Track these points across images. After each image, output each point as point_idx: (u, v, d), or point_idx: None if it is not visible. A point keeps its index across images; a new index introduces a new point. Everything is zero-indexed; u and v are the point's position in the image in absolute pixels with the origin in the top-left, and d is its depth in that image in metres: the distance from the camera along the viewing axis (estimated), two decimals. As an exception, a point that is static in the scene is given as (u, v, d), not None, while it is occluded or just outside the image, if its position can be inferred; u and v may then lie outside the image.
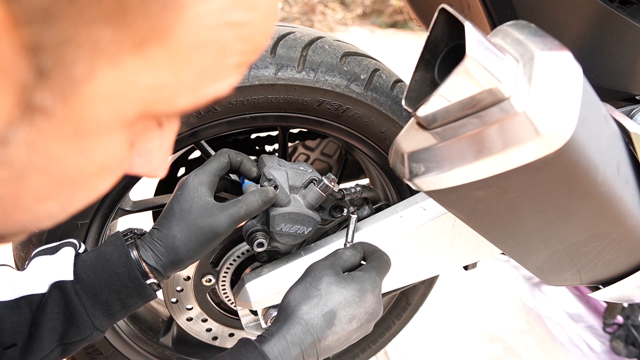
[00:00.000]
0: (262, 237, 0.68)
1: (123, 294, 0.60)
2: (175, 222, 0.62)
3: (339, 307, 0.57)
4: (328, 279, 0.59)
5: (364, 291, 0.59)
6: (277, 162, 0.72)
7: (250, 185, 0.68)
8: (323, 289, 0.58)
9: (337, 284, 0.58)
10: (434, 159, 0.48)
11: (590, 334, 1.54)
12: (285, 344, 0.55)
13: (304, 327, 0.56)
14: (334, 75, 0.69)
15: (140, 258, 0.61)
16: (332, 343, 0.58)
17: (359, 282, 0.59)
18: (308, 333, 0.56)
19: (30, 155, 0.23)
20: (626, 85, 0.68)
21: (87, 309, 0.59)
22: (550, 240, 0.59)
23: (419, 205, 0.76)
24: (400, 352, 1.41)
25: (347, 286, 0.58)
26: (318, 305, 0.57)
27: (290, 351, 0.55)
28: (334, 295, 0.58)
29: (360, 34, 4.53)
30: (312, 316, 0.56)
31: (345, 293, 0.58)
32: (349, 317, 0.58)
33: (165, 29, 0.22)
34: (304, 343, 0.55)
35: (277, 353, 0.54)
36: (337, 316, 0.57)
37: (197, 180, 0.64)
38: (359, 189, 0.74)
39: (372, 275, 0.61)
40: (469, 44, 0.39)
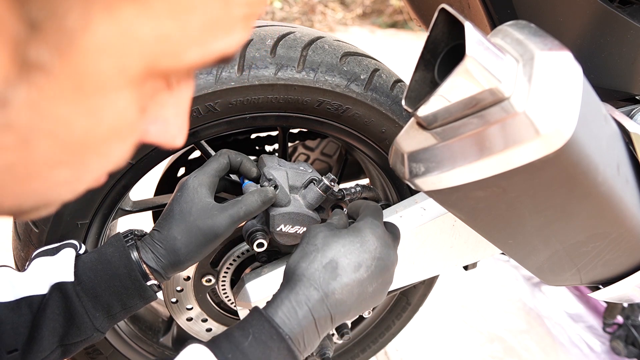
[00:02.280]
0: (262, 237, 0.68)
1: (123, 295, 0.60)
2: (175, 223, 0.62)
3: (340, 255, 0.54)
4: (323, 233, 0.57)
5: (364, 235, 0.56)
6: (277, 162, 0.72)
7: (250, 186, 0.68)
8: (319, 242, 0.56)
9: (332, 235, 0.56)
10: (434, 159, 0.48)
11: (590, 334, 1.54)
12: (290, 304, 0.52)
13: (306, 283, 0.53)
14: (334, 75, 0.69)
15: (140, 259, 0.61)
16: (343, 297, 0.54)
17: (355, 229, 0.57)
18: (312, 288, 0.53)
19: (33, 117, 0.22)
20: (626, 85, 0.68)
21: (88, 310, 0.58)
22: (550, 240, 0.59)
23: (419, 205, 0.76)
24: (400, 352, 1.41)
25: (345, 235, 0.56)
26: (317, 259, 0.54)
27: (297, 311, 0.52)
28: (332, 245, 0.55)
29: (360, 34, 4.53)
30: (313, 270, 0.54)
31: (343, 241, 0.55)
32: (354, 265, 0.54)
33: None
34: (310, 300, 0.52)
35: (282, 315, 0.52)
36: (339, 265, 0.54)
37: (197, 182, 0.64)
38: (358, 189, 0.74)
39: (367, 220, 0.58)
40: (469, 44, 0.39)
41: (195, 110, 0.66)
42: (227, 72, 0.65)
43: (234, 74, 0.65)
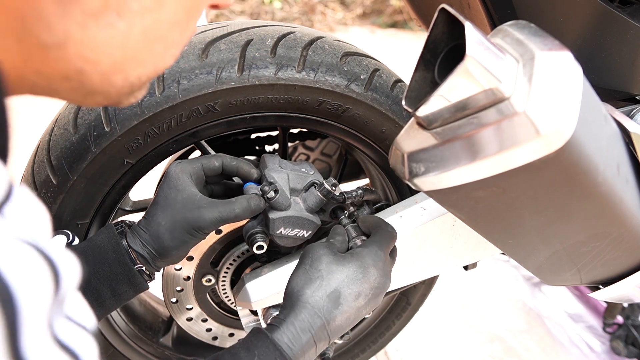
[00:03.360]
0: (262, 239, 0.68)
1: (112, 280, 0.60)
2: (159, 209, 0.62)
3: (343, 286, 0.57)
4: (327, 258, 0.58)
5: (366, 266, 0.58)
6: (279, 162, 0.72)
7: (251, 188, 0.67)
8: (323, 269, 0.58)
9: (336, 262, 0.58)
10: (434, 159, 0.48)
11: (590, 334, 1.54)
12: (295, 330, 0.55)
13: (311, 311, 0.56)
14: (334, 75, 0.69)
15: (128, 245, 0.61)
16: (341, 322, 0.57)
17: (358, 259, 0.59)
18: (316, 316, 0.56)
19: None
20: (626, 85, 0.68)
21: None
22: (550, 240, 0.59)
23: (419, 205, 0.76)
24: (400, 352, 1.41)
25: (347, 264, 0.58)
26: (321, 287, 0.57)
27: (301, 337, 0.54)
28: (335, 274, 0.57)
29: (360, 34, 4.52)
30: (317, 299, 0.56)
31: (347, 271, 0.58)
32: (355, 294, 0.57)
33: None
34: (313, 327, 0.55)
35: (287, 340, 0.54)
36: (342, 295, 0.57)
37: (179, 168, 0.63)
38: (360, 192, 0.74)
39: (372, 249, 0.60)
40: (469, 44, 0.39)
41: (195, 110, 0.66)
42: (227, 72, 0.65)
43: (234, 74, 0.65)
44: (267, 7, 4.46)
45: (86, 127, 0.64)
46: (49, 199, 0.67)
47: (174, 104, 0.64)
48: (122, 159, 0.67)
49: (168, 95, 0.64)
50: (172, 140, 0.68)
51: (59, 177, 0.66)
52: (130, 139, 0.65)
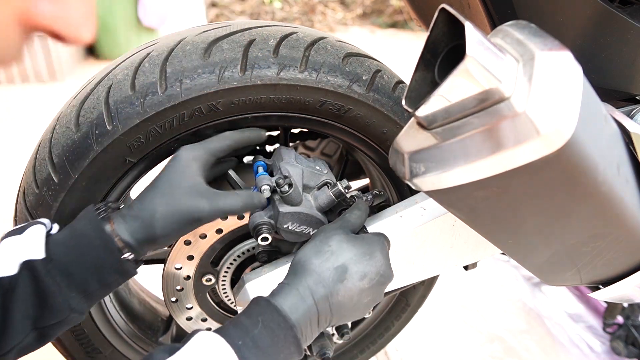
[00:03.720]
0: (267, 231, 0.68)
1: (100, 269, 0.57)
2: (159, 194, 0.59)
3: (351, 262, 0.58)
4: (338, 237, 0.60)
5: (374, 250, 0.60)
6: (295, 157, 0.72)
7: (264, 178, 0.68)
8: (334, 245, 0.58)
9: (347, 241, 0.59)
10: (434, 159, 0.48)
11: (590, 334, 1.54)
12: (298, 295, 0.54)
13: (316, 278, 0.56)
14: (336, 76, 0.70)
15: (113, 231, 0.58)
16: (344, 300, 0.57)
17: (369, 242, 0.61)
18: (320, 284, 0.55)
19: None
20: (626, 85, 0.68)
21: (61, 288, 0.55)
22: (550, 240, 0.59)
23: (419, 205, 0.76)
24: (400, 352, 1.41)
25: (358, 244, 0.59)
26: (329, 260, 0.57)
27: (304, 303, 0.54)
28: (345, 251, 0.58)
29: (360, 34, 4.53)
30: (324, 268, 0.56)
31: (356, 250, 0.59)
32: (361, 274, 0.58)
33: None
34: (316, 294, 0.55)
35: (290, 304, 0.54)
36: (348, 270, 0.57)
37: (192, 155, 0.61)
38: (369, 197, 0.75)
39: (380, 239, 0.63)
40: (469, 44, 0.39)
41: (198, 109, 0.66)
42: (229, 71, 0.65)
43: (236, 74, 0.66)
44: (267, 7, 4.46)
45: (88, 126, 0.65)
46: (50, 197, 0.67)
47: (176, 103, 0.65)
48: (124, 158, 0.67)
49: (170, 95, 0.64)
50: (174, 140, 0.68)
51: (60, 176, 0.66)
52: (132, 137, 0.65)
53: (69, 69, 3.15)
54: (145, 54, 0.67)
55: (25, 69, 3.02)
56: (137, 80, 0.64)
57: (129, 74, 0.65)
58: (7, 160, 2.22)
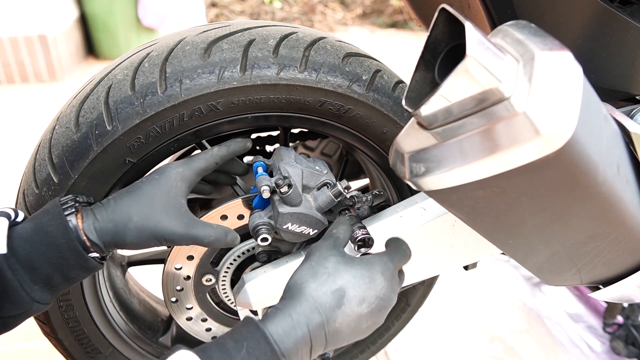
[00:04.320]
0: (267, 232, 0.68)
1: (63, 266, 0.56)
2: (138, 204, 0.59)
3: (349, 286, 0.54)
4: (335, 258, 0.56)
5: (374, 272, 0.56)
6: (294, 157, 0.72)
7: (264, 179, 0.67)
8: (330, 267, 0.55)
9: (344, 263, 0.56)
10: (434, 159, 0.48)
11: (590, 334, 1.54)
12: (291, 322, 0.51)
13: (312, 304, 0.52)
14: (336, 76, 0.70)
15: (81, 229, 0.57)
16: (341, 327, 0.53)
17: (367, 264, 0.57)
18: (316, 311, 0.52)
19: None
20: (626, 85, 0.68)
21: (23, 282, 0.55)
22: (550, 240, 0.59)
23: (419, 205, 0.76)
24: (400, 352, 1.41)
25: (356, 266, 0.56)
26: (326, 283, 0.54)
27: (296, 331, 0.51)
28: (343, 273, 0.55)
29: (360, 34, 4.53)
30: (321, 293, 0.53)
31: (354, 272, 0.55)
32: (359, 299, 0.54)
33: None
34: (312, 323, 0.51)
35: (281, 332, 0.50)
36: (346, 295, 0.54)
37: (180, 176, 0.62)
38: (369, 198, 0.75)
39: (382, 259, 0.59)
40: (469, 44, 0.39)
41: (197, 109, 0.66)
42: (229, 71, 0.65)
43: (236, 74, 0.65)
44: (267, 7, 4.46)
45: (88, 126, 0.65)
46: (50, 197, 0.67)
47: (176, 103, 0.65)
48: (124, 158, 0.67)
49: (170, 95, 0.64)
50: (173, 140, 0.68)
51: (60, 176, 0.66)
52: (132, 137, 0.65)
53: (68, 68, 3.15)
54: (145, 54, 0.67)
55: (25, 69, 3.02)
56: (136, 80, 0.64)
57: (128, 74, 0.65)
58: (7, 160, 2.22)
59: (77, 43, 3.30)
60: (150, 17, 3.31)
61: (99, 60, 3.44)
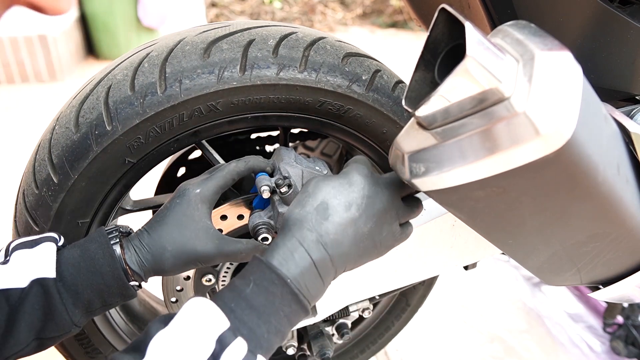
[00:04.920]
0: (267, 232, 0.68)
1: (105, 292, 0.60)
2: (169, 233, 0.62)
3: (330, 197, 0.55)
4: (315, 180, 0.58)
5: (351, 176, 0.57)
6: (294, 157, 0.72)
7: (264, 179, 0.68)
8: (310, 188, 0.57)
9: (323, 180, 0.57)
10: (434, 159, 0.48)
11: (590, 334, 1.54)
12: (285, 247, 0.53)
13: (300, 226, 0.53)
14: (336, 76, 0.69)
15: (123, 259, 0.61)
16: (337, 237, 0.54)
17: (343, 173, 0.58)
18: (305, 229, 0.53)
19: None
20: (626, 85, 0.68)
21: (68, 307, 0.58)
22: (550, 240, 0.59)
23: (419, 205, 0.76)
24: (400, 352, 1.41)
25: (334, 178, 0.57)
26: (308, 203, 0.55)
27: (292, 253, 0.52)
28: (322, 188, 0.56)
29: (360, 34, 4.53)
30: (305, 213, 0.54)
31: (333, 183, 0.56)
32: (345, 204, 0.55)
33: None
34: (305, 240, 0.53)
35: (279, 258, 0.52)
36: (330, 205, 0.54)
37: (200, 197, 0.64)
38: None
39: (353, 164, 0.59)
40: (469, 44, 0.39)
41: (197, 109, 0.66)
42: (229, 71, 0.65)
43: (236, 74, 0.65)
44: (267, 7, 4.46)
45: (87, 126, 0.65)
46: (49, 197, 0.67)
47: (176, 104, 0.65)
48: (124, 158, 0.67)
49: (170, 95, 0.64)
50: (173, 140, 0.68)
51: (60, 176, 0.66)
52: (132, 138, 0.65)
53: (68, 69, 3.15)
54: (144, 54, 0.67)
55: (25, 69, 3.02)
56: (136, 80, 0.64)
57: (128, 74, 0.65)
58: (7, 160, 2.22)
59: (77, 43, 3.30)
60: (150, 17, 3.30)
61: (99, 60, 3.44)
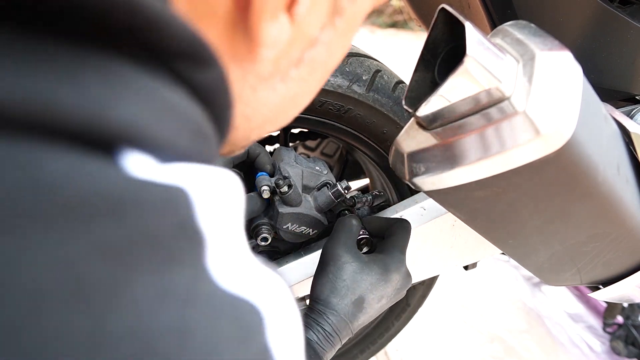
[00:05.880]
0: (267, 232, 0.68)
1: None
2: None
3: (367, 292, 0.60)
4: (350, 267, 0.60)
5: (389, 272, 0.61)
6: (295, 157, 0.72)
7: (264, 179, 0.68)
8: (348, 279, 0.60)
9: (360, 271, 0.60)
10: (434, 159, 0.48)
11: (590, 334, 1.54)
12: (324, 333, 0.58)
13: (338, 317, 0.59)
14: (336, 76, 0.69)
15: None
16: (364, 321, 0.61)
17: (382, 266, 0.61)
18: (342, 321, 0.59)
19: (325, 53, 0.28)
20: (626, 85, 0.68)
21: None
22: (550, 240, 0.59)
23: (419, 205, 0.76)
24: (400, 352, 1.41)
25: (371, 272, 0.60)
26: (347, 296, 0.59)
27: (329, 339, 0.58)
28: (361, 283, 0.60)
29: (360, 34, 4.53)
30: (343, 305, 0.59)
31: (371, 279, 0.60)
32: (378, 298, 0.60)
33: None
34: (340, 330, 0.59)
35: (317, 342, 0.58)
36: (366, 300, 0.60)
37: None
38: (369, 198, 0.75)
39: (394, 254, 0.62)
40: (469, 44, 0.39)
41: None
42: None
43: (234, 74, 0.65)
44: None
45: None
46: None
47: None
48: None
49: (169, 95, 0.64)
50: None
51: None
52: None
53: (68, 69, 3.15)
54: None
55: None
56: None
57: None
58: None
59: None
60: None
61: (98, 60, 3.44)
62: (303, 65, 0.28)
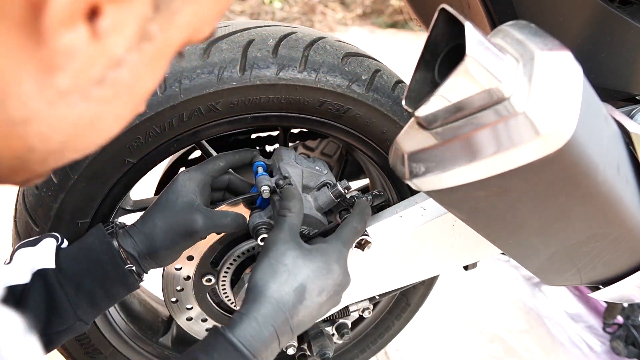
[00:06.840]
0: (266, 231, 0.68)
1: (106, 282, 0.61)
2: (158, 211, 0.64)
3: (308, 281, 0.57)
4: (293, 252, 0.58)
5: (330, 262, 0.59)
6: (294, 157, 0.72)
7: (264, 179, 0.68)
8: (289, 263, 0.57)
9: (303, 257, 0.58)
10: (434, 159, 0.48)
11: (590, 334, 1.54)
12: (257, 325, 0.54)
13: (275, 305, 0.55)
14: (336, 76, 0.69)
15: (119, 245, 0.63)
16: (304, 317, 0.57)
17: (324, 254, 0.59)
18: (280, 311, 0.55)
19: (131, 76, 0.28)
20: (626, 85, 0.68)
21: (70, 297, 0.59)
22: (551, 240, 0.59)
23: (419, 205, 0.76)
24: (400, 352, 1.41)
25: (314, 259, 0.58)
26: (287, 282, 0.56)
27: (263, 332, 0.53)
28: (302, 269, 0.57)
29: (360, 34, 4.53)
30: (283, 293, 0.56)
31: (313, 266, 0.58)
32: (319, 290, 0.58)
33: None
34: (276, 321, 0.54)
35: (249, 336, 0.53)
36: (307, 289, 0.57)
37: (187, 176, 0.66)
38: (369, 198, 0.75)
39: (337, 246, 0.61)
40: (469, 44, 0.39)
41: (197, 109, 0.66)
42: (229, 71, 0.65)
43: (235, 74, 0.65)
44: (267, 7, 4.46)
45: (87, 127, 0.65)
46: (49, 198, 0.67)
47: (176, 104, 0.64)
48: (123, 158, 0.67)
49: (169, 95, 0.64)
50: (173, 140, 0.68)
51: (59, 177, 0.66)
52: (131, 138, 0.65)
53: (68, 69, 3.14)
54: (144, 54, 0.67)
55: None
56: (136, 80, 0.64)
57: (128, 74, 0.65)
58: (7, 161, 2.22)
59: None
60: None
61: (98, 60, 3.44)
62: (106, 85, 0.27)
